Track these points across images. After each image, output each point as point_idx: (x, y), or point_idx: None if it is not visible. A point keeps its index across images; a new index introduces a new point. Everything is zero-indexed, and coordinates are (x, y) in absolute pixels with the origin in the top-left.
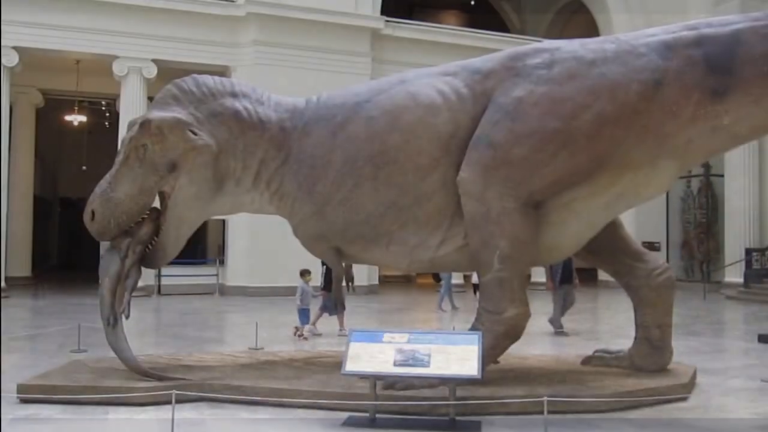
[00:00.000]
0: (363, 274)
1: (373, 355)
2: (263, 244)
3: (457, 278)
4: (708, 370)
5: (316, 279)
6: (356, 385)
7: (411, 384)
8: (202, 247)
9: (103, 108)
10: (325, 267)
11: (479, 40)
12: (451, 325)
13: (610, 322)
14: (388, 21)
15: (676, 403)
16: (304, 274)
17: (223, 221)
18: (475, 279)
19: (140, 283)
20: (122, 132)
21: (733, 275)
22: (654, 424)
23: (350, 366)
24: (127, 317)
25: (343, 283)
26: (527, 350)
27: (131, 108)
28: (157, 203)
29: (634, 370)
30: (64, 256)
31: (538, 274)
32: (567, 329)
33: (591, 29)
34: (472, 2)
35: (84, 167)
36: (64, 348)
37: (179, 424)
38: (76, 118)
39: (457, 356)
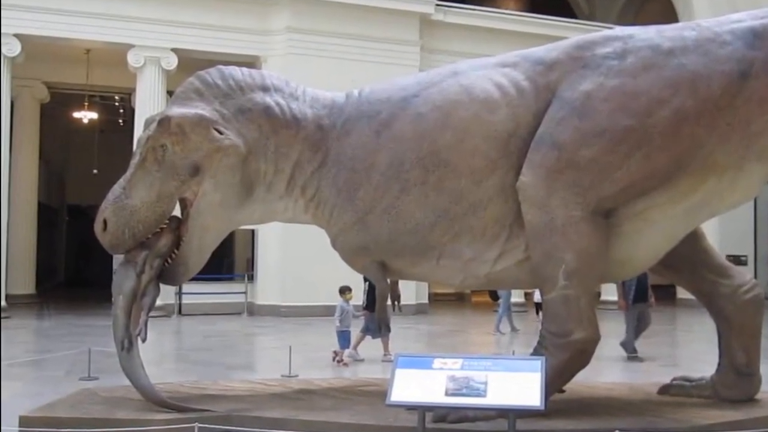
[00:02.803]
0: (411, 291)
1: (422, 383)
2: (298, 257)
3: (517, 296)
4: None
5: (358, 297)
6: (402, 417)
7: (465, 416)
8: (229, 261)
9: (117, 104)
10: (367, 284)
11: (542, 27)
12: (511, 350)
13: (690, 346)
14: (438, 5)
15: None
16: (344, 291)
17: (253, 232)
18: (537, 297)
19: (159, 302)
20: (138, 131)
21: None
22: None
23: (396, 396)
24: (144, 340)
25: (389, 302)
26: (596, 377)
27: (148, 104)
28: (177, 211)
29: (718, 401)
30: (72, 271)
31: (609, 292)
32: (641, 354)
33: (668, 15)
34: None
35: (95, 171)
36: (72, 375)
37: None
38: (86, 115)
39: (517, 385)
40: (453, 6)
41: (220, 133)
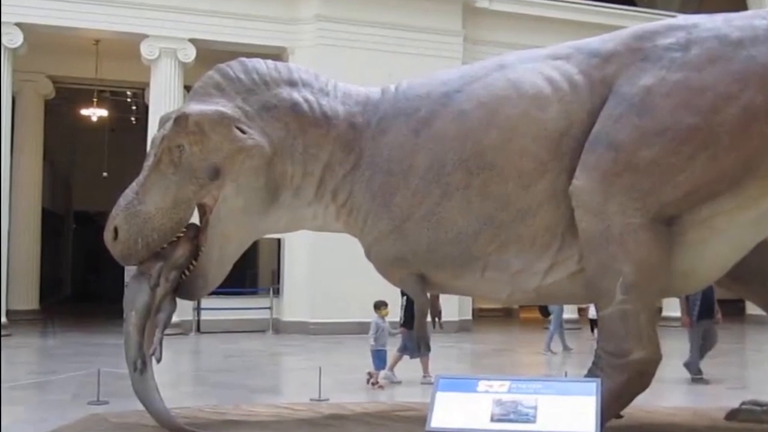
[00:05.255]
0: (453, 306)
1: (465, 407)
2: (328, 270)
3: (569, 312)
4: None
5: (395, 313)
6: None
7: None
8: (252, 273)
9: (129, 100)
10: (405, 298)
11: (598, 16)
12: (563, 371)
13: (760, 367)
14: None
15: None
16: (380, 307)
17: (278, 241)
18: (592, 313)
19: (175, 319)
20: (152, 130)
21: None
22: None
23: (437, 421)
24: (159, 360)
25: (428, 319)
26: (657, 401)
27: (163, 100)
28: (195, 218)
29: None
30: (79, 284)
31: (672, 307)
32: (707, 375)
33: (736, 1)
34: None
35: (104, 174)
36: (79, 399)
37: None
38: (95, 113)
39: (570, 409)
40: None
41: (243, 132)
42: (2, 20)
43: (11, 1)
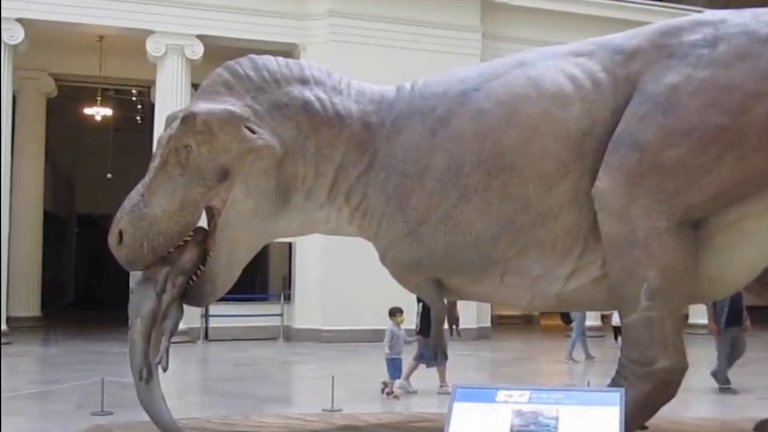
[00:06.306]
0: (471, 313)
1: (484, 418)
2: (341, 275)
3: (592, 319)
4: None
5: (410, 320)
6: None
7: None
8: (262, 279)
9: (134, 98)
10: (421, 305)
11: (622, 11)
12: (585, 380)
13: None
14: None
15: None
16: (395, 314)
17: (290, 245)
18: (615, 320)
19: (182, 326)
20: (158, 129)
21: None
22: None
23: None
24: (165, 369)
25: (445, 326)
26: (683, 412)
27: (170, 98)
28: (203, 222)
29: None
30: (82, 289)
31: (698, 314)
32: (735, 385)
33: None
34: None
35: (109, 175)
36: (82, 409)
37: None
38: (99, 112)
39: (592, 420)
40: None
41: (253, 132)
42: (3, 16)
43: None
